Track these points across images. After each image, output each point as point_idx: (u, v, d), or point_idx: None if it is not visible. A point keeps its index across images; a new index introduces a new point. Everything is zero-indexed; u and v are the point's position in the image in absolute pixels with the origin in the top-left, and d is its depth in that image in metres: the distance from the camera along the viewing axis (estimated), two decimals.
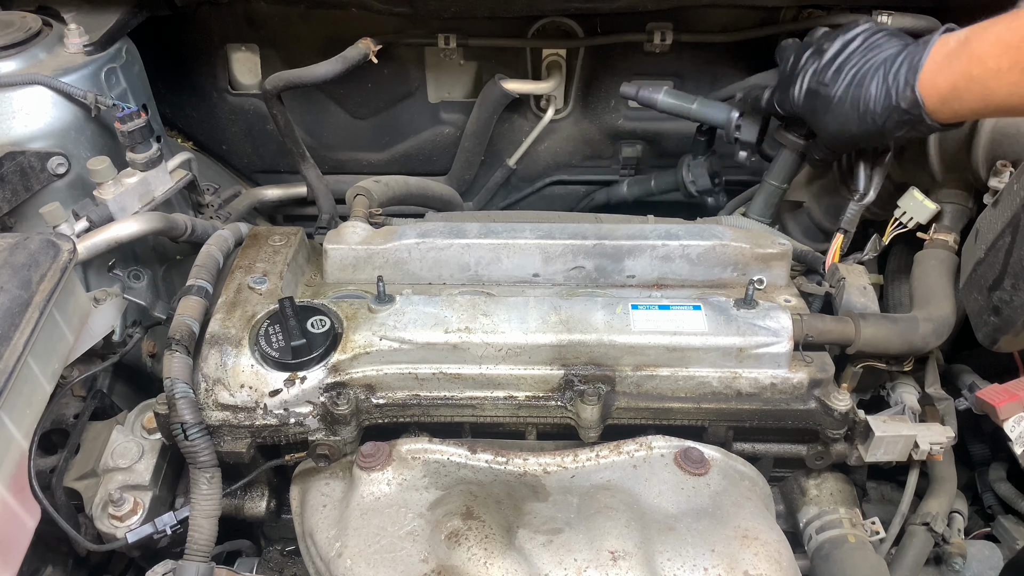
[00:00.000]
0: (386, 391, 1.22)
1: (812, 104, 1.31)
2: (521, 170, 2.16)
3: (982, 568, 1.33)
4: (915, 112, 1.15)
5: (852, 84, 1.23)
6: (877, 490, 1.49)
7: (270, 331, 1.20)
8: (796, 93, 1.33)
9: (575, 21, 1.92)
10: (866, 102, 1.21)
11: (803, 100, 1.33)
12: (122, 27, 1.67)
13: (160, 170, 1.52)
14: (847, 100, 1.24)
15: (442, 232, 1.36)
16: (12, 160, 1.42)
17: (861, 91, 1.21)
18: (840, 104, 1.25)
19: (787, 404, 1.22)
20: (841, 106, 1.25)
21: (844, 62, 1.25)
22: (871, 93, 1.20)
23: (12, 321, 1.03)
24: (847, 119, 1.25)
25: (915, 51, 1.15)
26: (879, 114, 1.19)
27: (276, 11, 1.92)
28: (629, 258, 1.35)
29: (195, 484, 1.13)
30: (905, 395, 1.33)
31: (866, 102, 1.21)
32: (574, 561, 1.04)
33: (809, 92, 1.31)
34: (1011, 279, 1.15)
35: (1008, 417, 1.24)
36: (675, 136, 2.12)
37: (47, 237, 1.16)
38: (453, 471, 1.20)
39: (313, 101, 2.07)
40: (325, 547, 1.11)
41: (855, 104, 1.23)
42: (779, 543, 1.10)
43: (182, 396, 1.13)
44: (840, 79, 1.25)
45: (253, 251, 1.38)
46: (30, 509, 1.07)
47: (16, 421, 1.05)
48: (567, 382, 1.21)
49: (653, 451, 1.21)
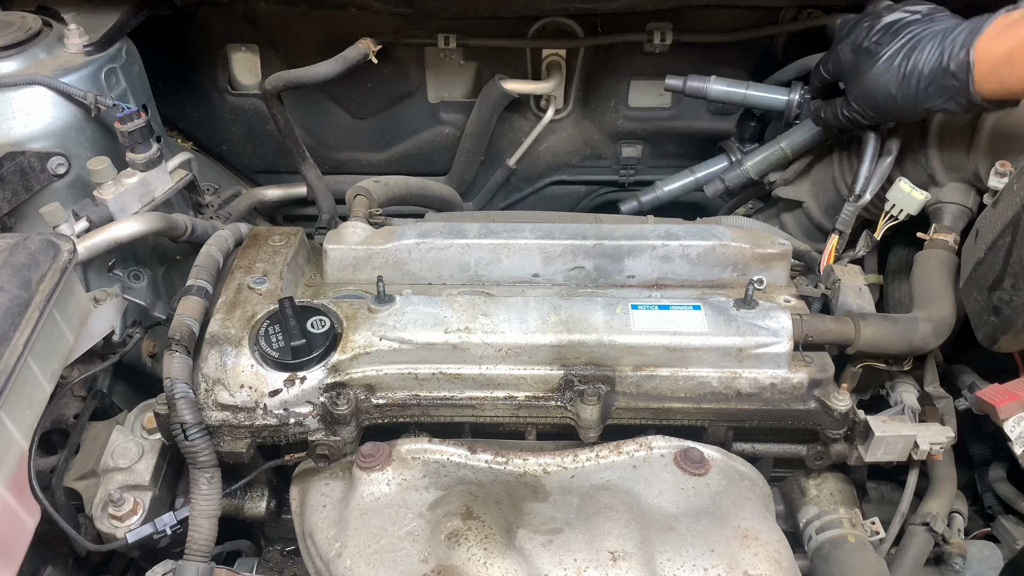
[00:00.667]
0: (386, 391, 1.22)
1: (857, 60, 1.30)
2: (521, 170, 2.16)
3: (982, 568, 1.33)
4: (962, 78, 1.16)
5: (906, 46, 1.23)
6: (877, 490, 1.49)
7: (270, 331, 1.20)
8: (844, 50, 1.33)
9: (575, 21, 1.92)
10: (915, 63, 1.21)
11: (849, 56, 1.32)
12: (122, 27, 1.67)
13: (160, 170, 1.52)
14: (896, 59, 1.24)
15: (442, 232, 1.36)
16: (12, 160, 1.42)
17: (914, 53, 1.22)
18: (888, 63, 1.25)
19: (787, 404, 1.22)
20: (888, 65, 1.25)
21: (903, 27, 1.25)
22: (923, 56, 1.20)
23: (12, 321, 1.03)
24: (889, 79, 1.25)
25: (978, 21, 1.17)
26: (925, 76, 1.20)
27: (276, 11, 1.92)
28: (629, 258, 1.35)
29: (195, 484, 1.13)
30: (905, 395, 1.33)
31: (915, 63, 1.21)
32: (574, 561, 1.04)
33: (857, 48, 1.30)
34: (1011, 279, 1.15)
35: (1008, 417, 1.24)
36: (675, 136, 2.12)
37: (47, 237, 1.16)
38: (453, 471, 1.20)
39: (313, 101, 2.07)
40: (325, 547, 1.11)
41: (903, 64, 1.23)
42: (779, 543, 1.10)
43: (182, 396, 1.13)
44: (895, 41, 1.25)
45: (253, 251, 1.38)
46: (30, 509, 1.07)
47: (16, 421, 1.05)
48: (567, 382, 1.21)
49: (653, 451, 1.21)
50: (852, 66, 1.32)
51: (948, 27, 1.21)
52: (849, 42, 1.33)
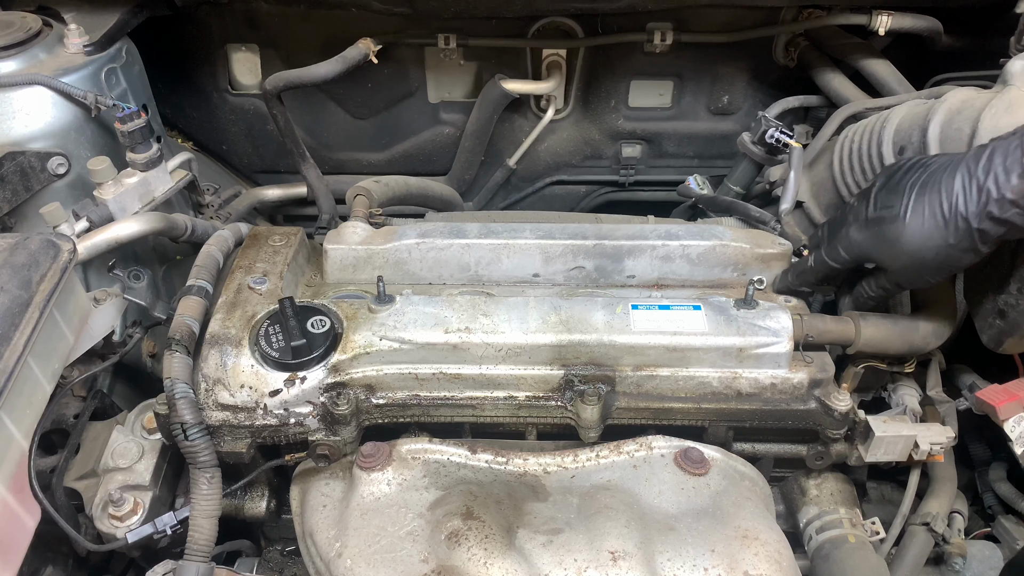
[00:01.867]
0: (386, 391, 1.22)
1: (877, 233, 1.13)
2: (521, 170, 2.16)
3: (982, 568, 1.33)
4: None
5: (920, 191, 1.07)
6: (877, 490, 1.49)
7: (270, 331, 1.20)
8: (853, 233, 1.16)
9: (575, 21, 1.92)
10: (951, 200, 1.03)
11: (864, 234, 1.14)
12: (122, 27, 1.67)
13: (160, 170, 1.53)
14: (924, 208, 1.06)
15: (442, 232, 1.36)
16: (12, 160, 1.42)
17: (940, 190, 1.04)
18: (915, 217, 1.07)
19: (787, 404, 1.22)
20: (916, 219, 1.07)
21: (901, 180, 1.10)
22: (954, 187, 1.03)
23: (12, 321, 1.03)
24: (927, 233, 1.06)
25: (1002, 143, 1.02)
26: (973, 213, 1.02)
27: (276, 11, 1.92)
28: (629, 258, 1.35)
29: (195, 484, 1.13)
30: (906, 396, 1.33)
31: (951, 200, 1.03)
32: (574, 561, 1.04)
33: (871, 222, 1.13)
34: (1016, 283, 1.15)
35: (1008, 417, 1.24)
36: (675, 136, 2.12)
37: (47, 237, 1.16)
38: (453, 471, 1.20)
39: (313, 101, 2.07)
40: (325, 547, 1.11)
41: (934, 209, 1.05)
42: (779, 543, 1.10)
43: (182, 396, 1.13)
44: (904, 195, 1.09)
45: (253, 251, 1.38)
46: (30, 509, 1.06)
47: (16, 421, 1.05)
48: (567, 382, 1.21)
49: (653, 451, 1.21)
50: (874, 242, 1.14)
51: (952, 158, 1.07)
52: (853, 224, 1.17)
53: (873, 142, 1.39)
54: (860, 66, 1.78)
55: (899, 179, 1.11)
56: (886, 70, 1.74)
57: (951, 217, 1.04)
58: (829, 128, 1.64)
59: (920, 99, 1.43)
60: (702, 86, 2.04)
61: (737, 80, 2.03)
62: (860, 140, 1.43)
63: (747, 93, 2.05)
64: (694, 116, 2.10)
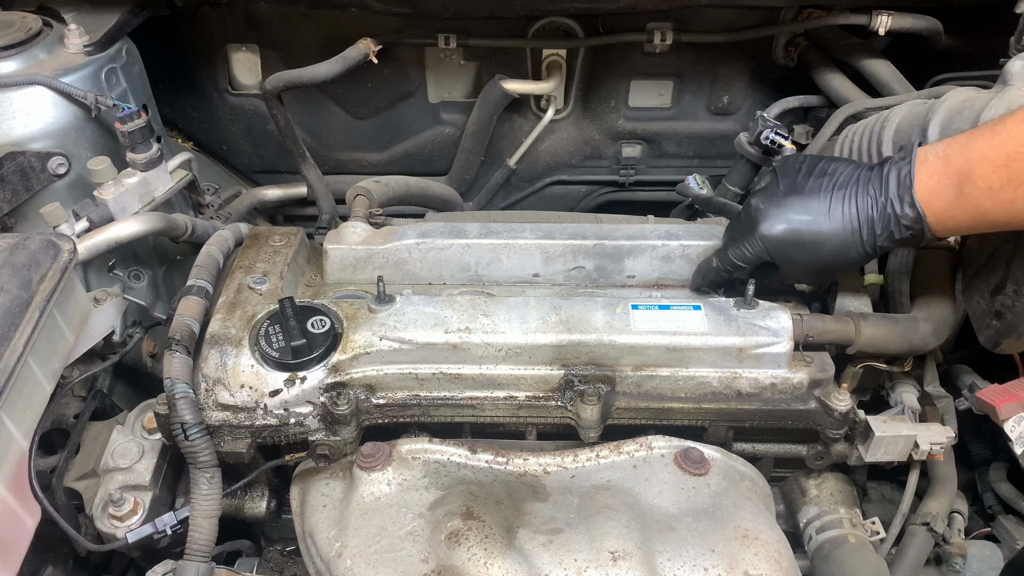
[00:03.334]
0: (386, 391, 1.22)
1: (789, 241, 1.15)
2: (521, 170, 2.16)
3: (982, 568, 1.33)
4: (917, 228, 1.07)
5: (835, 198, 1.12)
6: (877, 490, 1.49)
7: (270, 331, 1.20)
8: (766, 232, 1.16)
9: (575, 21, 1.92)
10: (860, 221, 1.10)
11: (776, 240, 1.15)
12: (122, 27, 1.67)
13: (160, 170, 1.52)
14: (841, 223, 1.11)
15: (442, 232, 1.36)
16: (12, 160, 1.42)
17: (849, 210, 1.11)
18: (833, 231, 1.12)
19: (787, 404, 1.22)
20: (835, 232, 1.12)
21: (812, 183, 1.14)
22: (866, 203, 1.10)
23: (12, 321, 1.03)
24: (843, 243, 1.12)
25: (898, 165, 1.08)
26: (879, 235, 1.10)
27: (276, 11, 1.92)
28: (629, 258, 1.35)
29: (195, 484, 1.13)
30: (905, 395, 1.33)
31: (860, 221, 1.10)
32: (574, 561, 1.04)
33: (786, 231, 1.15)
34: (1013, 284, 1.15)
35: (1008, 417, 1.24)
36: (675, 136, 2.12)
37: (47, 237, 1.16)
38: (453, 471, 1.20)
39: (313, 101, 2.07)
40: (325, 547, 1.11)
41: (847, 225, 1.11)
42: (779, 543, 1.10)
43: (182, 396, 1.13)
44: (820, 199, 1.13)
45: (253, 251, 1.38)
46: (30, 509, 1.06)
47: (16, 421, 1.05)
48: (567, 382, 1.21)
49: (653, 451, 1.21)
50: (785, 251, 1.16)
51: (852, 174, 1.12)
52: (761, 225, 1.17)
53: (873, 142, 1.39)
54: (860, 66, 1.78)
55: (809, 183, 1.14)
56: (886, 70, 1.74)
57: (863, 224, 1.11)
58: (829, 128, 1.65)
59: (920, 99, 1.43)
60: (702, 86, 2.04)
61: (737, 80, 2.03)
62: (860, 140, 1.43)
63: (747, 93, 2.05)
64: (694, 116, 2.10)
